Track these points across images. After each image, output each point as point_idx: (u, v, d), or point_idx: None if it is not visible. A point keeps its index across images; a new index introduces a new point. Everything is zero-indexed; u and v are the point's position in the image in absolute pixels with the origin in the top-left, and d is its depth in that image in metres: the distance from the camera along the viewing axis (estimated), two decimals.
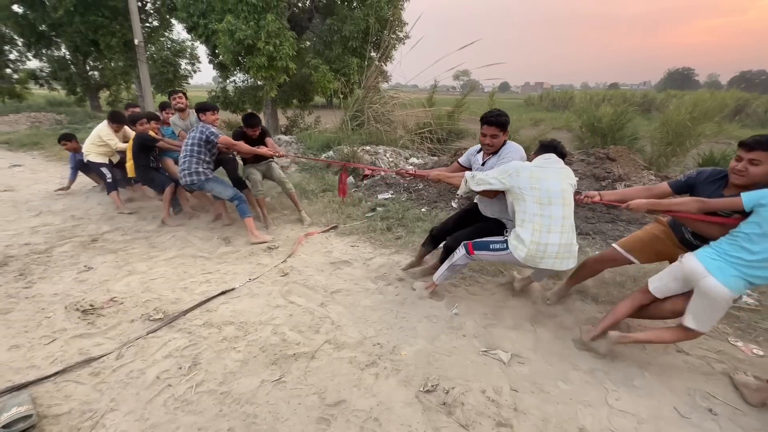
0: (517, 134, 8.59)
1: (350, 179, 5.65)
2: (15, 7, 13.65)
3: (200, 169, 3.61)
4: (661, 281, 2.02)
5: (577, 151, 5.54)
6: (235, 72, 11.87)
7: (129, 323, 2.41)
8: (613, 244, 2.39)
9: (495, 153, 2.56)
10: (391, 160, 6.14)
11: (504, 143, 2.55)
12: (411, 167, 2.85)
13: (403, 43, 12.07)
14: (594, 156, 4.62)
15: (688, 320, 1.89)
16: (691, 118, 8.16)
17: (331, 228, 4.02)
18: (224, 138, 3.64)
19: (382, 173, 5.46)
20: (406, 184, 5.11)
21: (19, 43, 15.07)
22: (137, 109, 4.92)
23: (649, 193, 2.15)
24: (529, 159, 2.41)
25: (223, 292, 2.74)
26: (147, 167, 4.24)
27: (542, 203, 2.15)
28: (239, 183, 4.10)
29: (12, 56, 15.68)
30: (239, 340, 2.25)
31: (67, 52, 15.34)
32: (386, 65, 9.67)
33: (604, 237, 3.57)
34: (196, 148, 3.59)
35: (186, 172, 3.59)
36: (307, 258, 3.38)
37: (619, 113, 8.78)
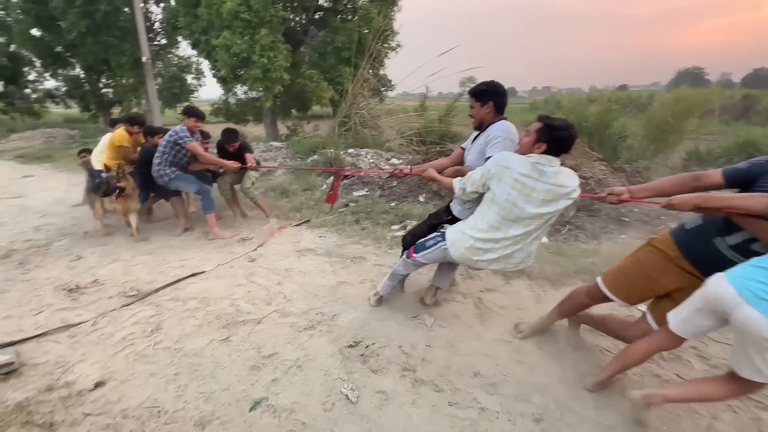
0: None
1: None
2: (33, 31, 14.65)
3: (166, 170, 3.78)
4: (682, 315, 1.51)
5: None
6: (235, 84, 12.46)
7: (107, 299, 2.76)
8: (597, 278, 1.94)
9: (482, 130, 2.25)
10: (372, 161, 6.48)
11: (494, 120, 2.21)
12: (407, 166, 2.85)
13: (396, 52, 12.51)
14: None
15: (742, 370, 1.40)
16: (673, 114, 8.33)
17: (304, 222, 4.34)
18: (193, 145, 3.71)
19: (372, 175, 5.70)
20: (381, 182, 5.42)
21: (37, 65, 16.08)
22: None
23: (695, 183, 1.62)
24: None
25: (192, 274, 3.08)
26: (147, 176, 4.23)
27: (506, 219, 1.91)
28: (205, 179, 4.21)
29: (31, 77, 16.73)
30: (199, 311, 2.57)
31: (81, 71, 16.28)
32: (373, 73, 10.04)
33: (585, 232, 3.68)
34: (162, 149, 3.75)
35: (155, 174, 3.80)
36: (276, 247, 3.70)
37: (603, 112, 8.97)
